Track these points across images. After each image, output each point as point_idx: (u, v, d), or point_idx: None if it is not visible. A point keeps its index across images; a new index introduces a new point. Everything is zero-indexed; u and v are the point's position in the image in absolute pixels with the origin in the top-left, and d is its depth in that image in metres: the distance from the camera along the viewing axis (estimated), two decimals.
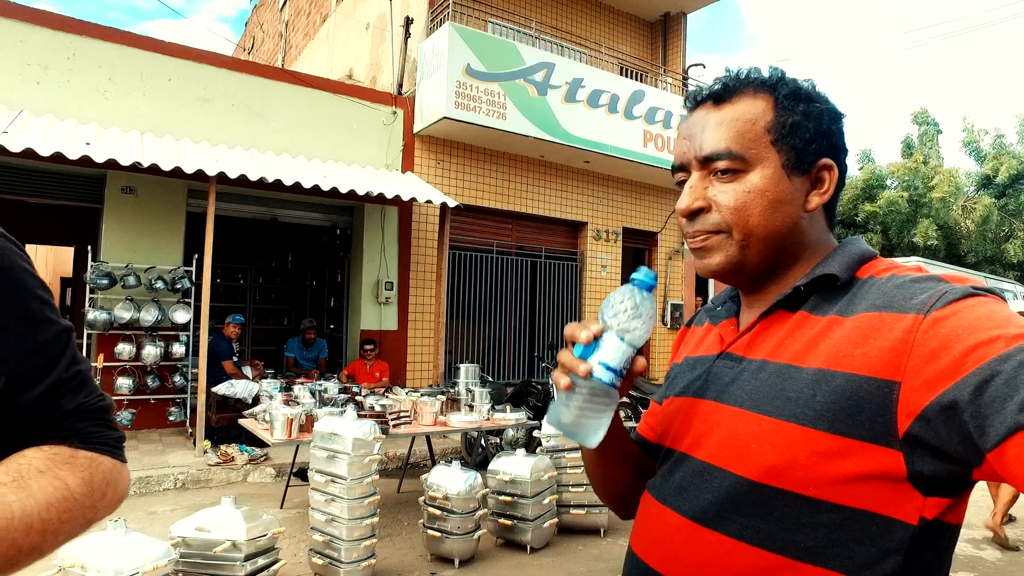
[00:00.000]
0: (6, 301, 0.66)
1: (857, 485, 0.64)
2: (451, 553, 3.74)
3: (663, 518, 0.79)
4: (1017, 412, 0.53)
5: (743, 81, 0.79)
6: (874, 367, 0.64)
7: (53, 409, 0.67)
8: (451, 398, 5.11)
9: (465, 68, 7.76)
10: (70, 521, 0.63)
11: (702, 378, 0.82)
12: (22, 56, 6.12)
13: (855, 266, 0.76)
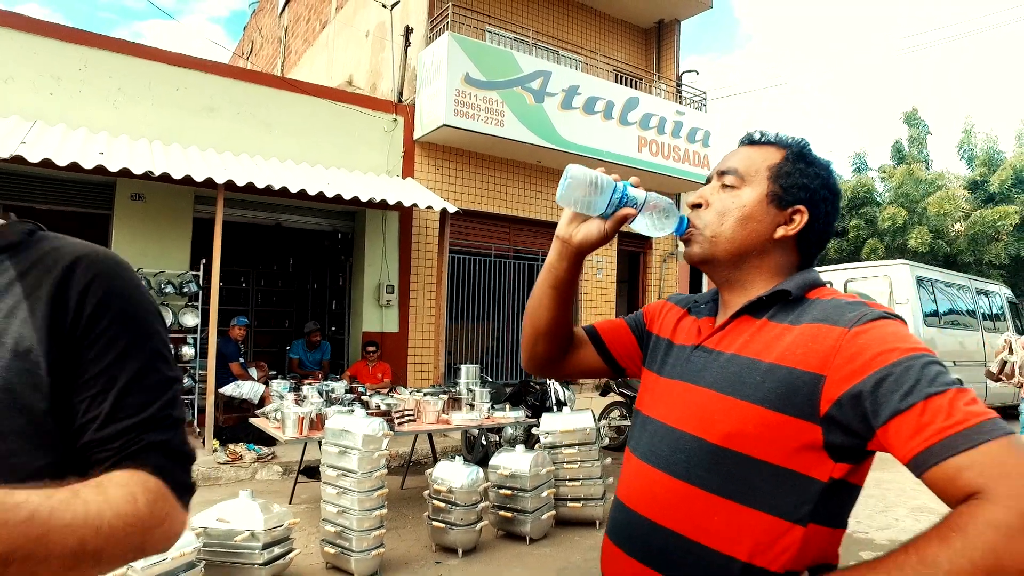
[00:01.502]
0: (133, 338, 0.73)
1: (788, 450, 0.87)
2: (455, 544, 3.94)
3: (641, 471, 1.02)
4: (899, 402, 0.76)
5: (774, 139, 1.06)
6: (810, 364, 0.87)
7: (140, 440, 0.71)
8: (453, 397, 5.32)
9: (464, 77, 7.98)
10: (131, 536, 0.65)
11: (680, 364, 1.05)
12: (36, 67, 6.32)
13: (807, 288, 0.99)
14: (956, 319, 9.23)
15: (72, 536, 0.59)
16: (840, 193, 1.08)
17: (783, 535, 0.86)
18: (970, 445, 0.70)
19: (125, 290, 0.75)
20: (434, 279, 8.48)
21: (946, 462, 0.71)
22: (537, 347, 1.21)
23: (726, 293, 1.06)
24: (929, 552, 0.69)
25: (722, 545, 0.89)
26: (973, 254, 12.40)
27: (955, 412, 0.73)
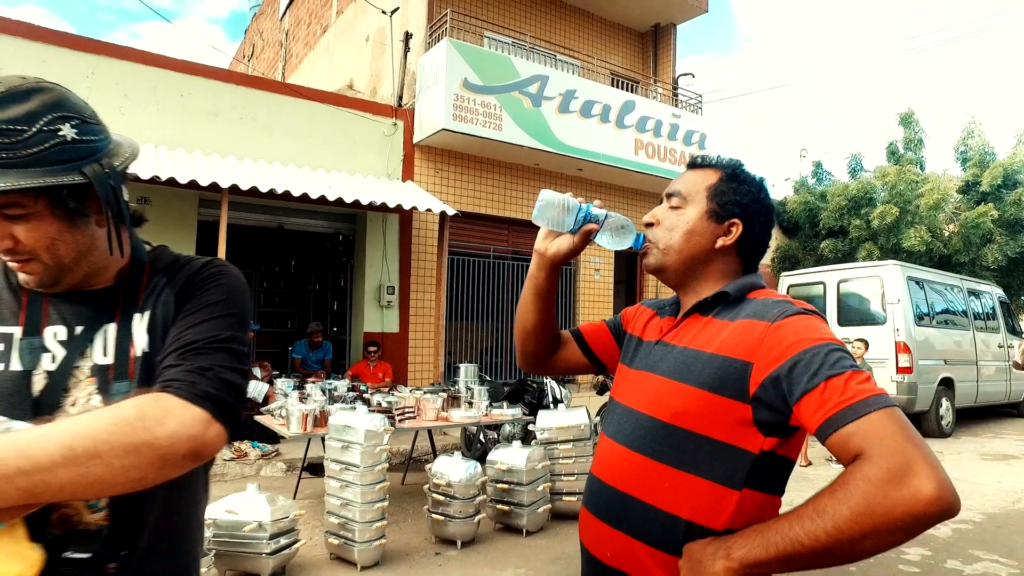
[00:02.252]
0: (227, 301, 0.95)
1: (725, 426, 1.03)
2: (454, 536, 4.09)
3: (609, 448, 1.18)
4: (806, 383, 0.93)
5: (713, 162, 1.23)
6: (741, 353, 1.03)
7: (178, 363, 0.86)
8: (452, 395, 5.46)
9: (463, 82, 8.13)
10: (117, 435, 0.75)
11: (645, 357, 1.23)
12: (43, 75, 6.41)
13: (746, 290, 1.16)
14: (948, 319, 9.36)
15: (51, 443, 0.72)
16: (772, 207, 1.24)
17: (721, 499, 1.03)
18: (856, 416, 0.87)
19: (225, 276, 0.99)
20: (434, 280, 8.63)
21: (839, 431, 0.88)
22: (527, 346, 1.41)
23: (681, 296, 1.24)
24: (821, 502, 0.86)
25: (669, 506, 1.05)
26: (968, 254, 12.52)
27: (848, 390, 0.89)
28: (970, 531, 4.60)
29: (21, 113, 0.84)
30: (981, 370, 9.61)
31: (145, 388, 0.87)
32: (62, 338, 0.93)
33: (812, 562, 0.87)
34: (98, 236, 0.94)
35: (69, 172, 0.86)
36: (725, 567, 0.92)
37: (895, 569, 3.86)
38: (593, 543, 1.17)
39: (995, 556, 4.09)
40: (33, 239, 0.87)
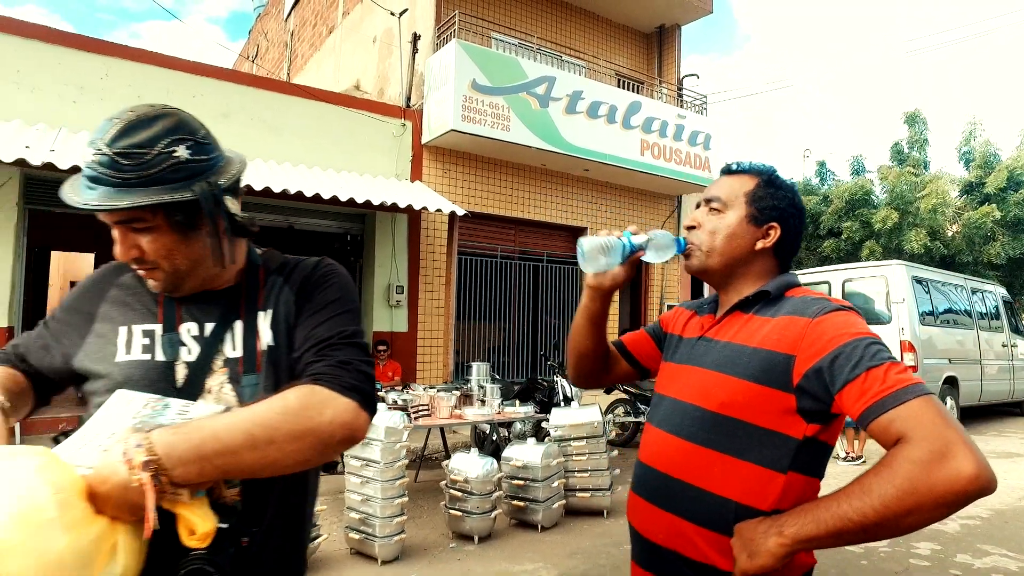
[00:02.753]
0: (336, 299, 1.06)
1: (770, 414, 1.11)
2: (471, 531, 4.16)
3: (657, 436, 1.26)
4: (848, 373, 1.00)
5: (748, 168, 1.31)
6: (784, 347, 1.11)
7: (322, 357, 0.97)
8: (465, 394, 5.54)
9: (471, 83, 8.20)
10: (286, 423, 0.86)
11: (687, 353, 1.30)
12: (60, 77, 6.54)
13: (784, 289, 1.23)
14: (952, 318, 9.42)
15: (237, 430, 0.84)
16: (804, 210, 1.32)
17: (768, 482, 1.10)
18: (897, 403, 0.94)
19: (338, 275, 1.12)
20: (443, 280, 8.70)
21: (880, 417, 0.95)
22: (583, 367, 1.50)
23: (722, 295, 1.32)
24: (866, 481, 0.94)
25: (719, 489, 1.13)
26: (970, 254, 12.59)
27: (888, 379, 0.97)
28: (978, 526, 4.66)
29: (145, 138, 0.93)
30: (985, 369, 9.67)
31: (272, 379, 0.99)
32: (195, 334, 1.05)
33: (859, 537, 0.95)
34: (205, 249, 1.04)
35: (181, 190, 0.95)
36: (778, 543, 0.99)
37: (907, 563, 3.93)
38: (643, 525, 1.24)
39: (1004, 550, 4.16)
40: (154, 250, 0.98)
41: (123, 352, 1.03)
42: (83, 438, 0.88)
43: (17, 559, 0.70)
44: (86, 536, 0.75)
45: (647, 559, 1.24)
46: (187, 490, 0.82)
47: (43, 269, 11.48)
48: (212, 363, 1.03)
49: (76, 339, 1.07)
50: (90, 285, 1.13)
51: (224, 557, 0.90)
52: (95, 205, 0.92)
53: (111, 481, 0.79)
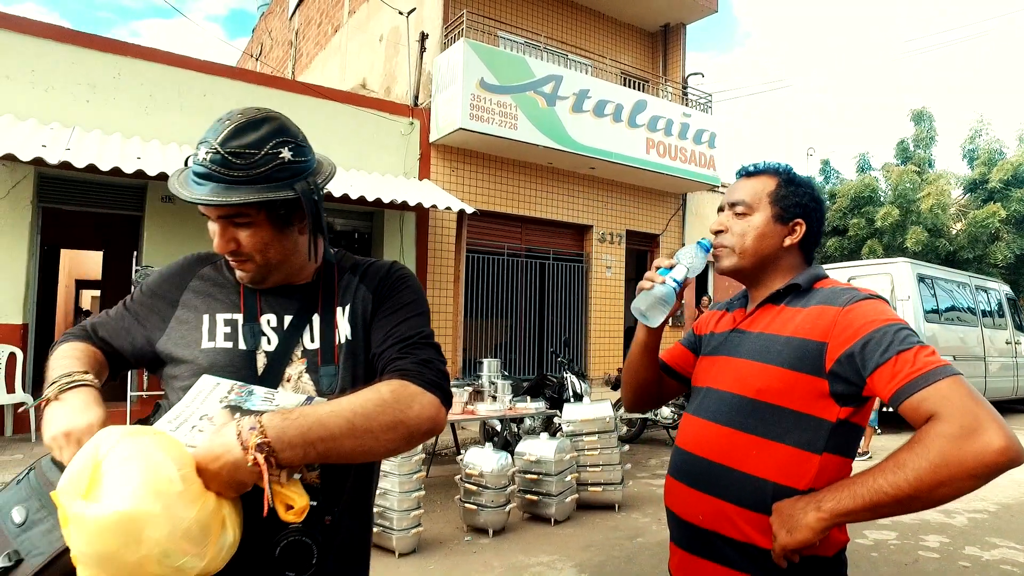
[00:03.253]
0: (410, 302, 1.14)
1: (804, 398, 1.17)
2: (485, 524, 4.22)
3: (696, 423, 1.32)
4: (879, 357, 1.07)
5: (764, 168, 1.36)
6: (816, 335, 1.17)
7: (404, 355, 1.05)
8: (476, 390, 5.60)
9: (479, 82, 8.25)
10: (383, 414, 0.93)
11: (722, 345, 1.36)
12: (74, 76, 6.60)
13: (813, 281, 1.30)
14: (956, 315, 9.48)
15: (339, 418, 0.90)
16: (824, 201, 1.38)
17: (804, 462, 1.17)
18: (927, 383, 1.01)
19: (412, 279, 1.21)
20: (451, 277, 8.75)
21: (912, 397, 1.02)
22: (642, 395, 1.55)
23: (752, 290, 1.38)
24: (900, 457, 1.00)
25: (758, 471, 1.19)
26: (974, 252, 12.64)
27: (917, 362, 1.04)
28: (986, 520, 4.72)
29: (254, 139, 1.01)
30: (988, 366, 9.72)
31: (349, 371, 1.06)
32: (274, 325, 1.11)
33: (894, 510, 1.01)
34: (299, 242, 1.12)
35: (284, 188, 1.02)
36: (817, 518, 1.05)
37: (916, 555, 3.99)
38: (683, 508, 1.30)
39: (1011, 543, 4.22)
40: (251, 243, 1.05)
41: (207, 339, 1.09)
42: (175, 419, 0.94)
43: (158, 529, 0.76)
44: (205, 509, 0.81)
45: (687, 541, 1.29)
46: (286, 471, 0.87)
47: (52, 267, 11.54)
48: (291, 353, 1.09)
49: (159, 323, 1.13)
50: (173, 273, 1.19)
51: (316, 531, 0.97)
52: (208, 200, 0.99)
53: (223, 459, 0.84)
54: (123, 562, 0.75)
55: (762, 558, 1.16)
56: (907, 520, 4.68)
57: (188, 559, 0.79)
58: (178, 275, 1.18)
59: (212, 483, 0.84)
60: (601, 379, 9.59)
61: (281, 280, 1.13)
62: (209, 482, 0.84)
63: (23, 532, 0.86)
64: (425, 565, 3.74)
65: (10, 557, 0.84)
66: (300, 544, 0.96)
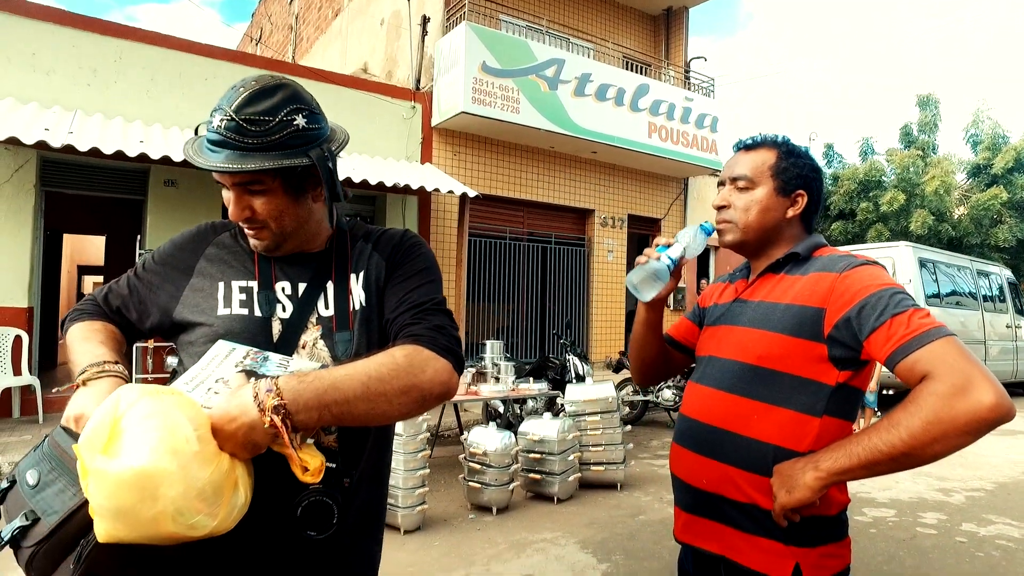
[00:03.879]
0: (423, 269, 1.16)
1: (804, 363, 1.20)
2: (489, 502, 4.27)
3: (700, 391, 1.35)
4: (875, 321, 1.10)
5: (763, 141, 1.38)
6: (815, 301, 1.20)
7: (417, 321, 1.06)
8: (479, 371, 5.64)
9: (481, 65, 8.22)
10: (396, 378, 0.94)
11: (725, 315, 1.39)
12: (75, 60, 6.59)
13: (813, 249, 1.33)
14: (957, 300, 9.51)
15: (354, 381, 0.92)
16: (822, 170, 1.41)
17: (804, 425, 1.20)
18: (921, 345, 1.04)
19: (424, 247, 1.22)
20: (453, 261, 8.77)
21: (907, 358, 1.05)
22: (649, 370, 1.59)
23: (754, 262, 1.41)
24: (895, 417, 1.04)
25: (759, 435, 1.22)
26: (977, 236, 12.64)
27: (911, 324, 1.07)
28: (983, 498, 4.78)
29: (268, 106, 1.01)
30: (989, 349, 9.77)
31: (364, 337, 1.08)
32: (288, 292, 1.13)
33: (890, 467, 1.05)
34: (313, 210, 1.13)
35: (299, 155, 1.03)
36: (815, 477, 1.09)
37: (914, 531, 4.05)
38: (688, 473, 1.34)
39: (1007, 519, 4.28)
40: (266, 211, 1.06)
41: (223, 306, 1.10)
42: (191, 380, 0.96)
43: (174, 487, 0.78)
44: (219, 470, 0.83)
45: (692, 505, 1.33)
46: (300, 434, 0.89)
47: (55, 252, 11.56)
48: (307, 320, 1.11)
49: (173, 292, 1.14)
50: (187, 241, 1.19)
51: (336, 492, 0.99)
52: (223, 167, 1.00)
53: (239, 421, 0.85)
54: (139, 517, 0.77)
55: (765, 518, 1.20)
56: (905, 498, 4.74)
57: (200, 518, 0.81)
58: (192, 243, 1.18)
59: (227, 444, 0.86)
60: (603, 363, 9.64)
61: (295, 248, 1.14)
62: (224, 443, 0.85)
63: (37, 493, 0.88)
64: (430, 542, 3.80)
65: (27, 517, 0.87)
66: (321, 504, 0.98)
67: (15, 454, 5.01)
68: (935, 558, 3.60)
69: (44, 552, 0.85)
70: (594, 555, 3.57)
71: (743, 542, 1.23)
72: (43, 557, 0.85)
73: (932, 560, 3.56)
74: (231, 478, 0.85)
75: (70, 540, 0.85)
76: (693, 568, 1.36)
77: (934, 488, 5.04)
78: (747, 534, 1.22)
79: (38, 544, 0.85)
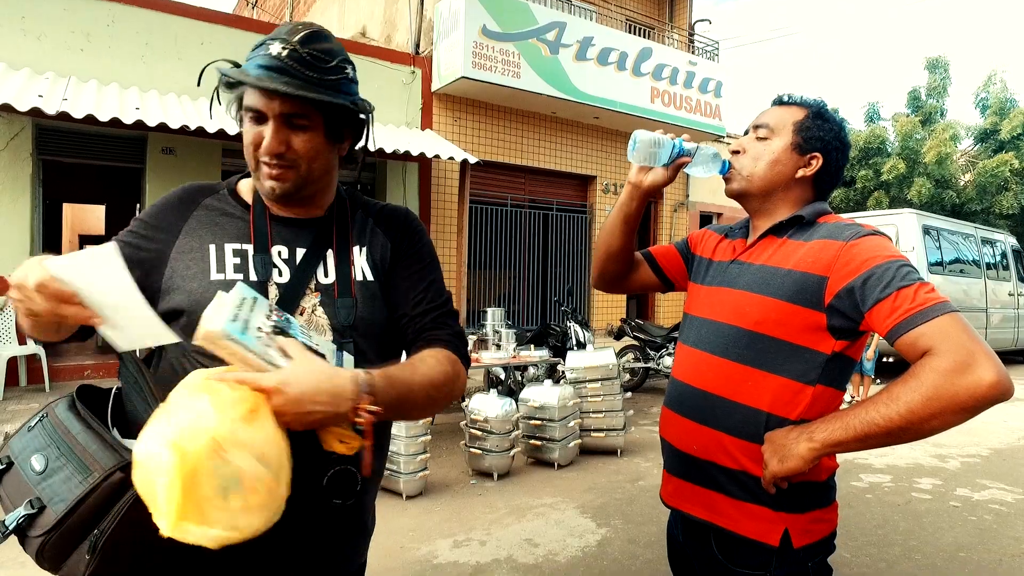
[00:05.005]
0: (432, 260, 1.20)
1: (801, 331, 1.19)
2: (490, 468, 4.33)
3: (693, 354, 1.34)
4: (879, 293, 1.08)
5: (799, 100, 1.35)
6: (817, 268, 1.18)
7: (440, 326, 1.13)
8: (480, 338, 5.67)
9: (481, 29, 8.07)
10: (447, 384, 1.03)
11: (720, 275, 1.37)
12: (67, 25, 6.47)
13: (818, 215, 1.30)
14: (960, 267, 9.47)
15: (423, 389, 0.99)
16: (850, 145, 1.37)
17: (797, 393, 1.19)
18: (925, 320, 1.03)
19: (425, 233, 1.24)
20: (455, 228, 8.74)
21: (909, 332, 1.03)
22: (607, 266, 1.54)
23: (756, 219, 1.37)
24: (894, 391, 1.03)
25: (751, 401, 1.22)
26: (981, 203, 12.53)
27: (917, 298, 1.05)
28: (978, 464, 4.84)
29: (328, 48, 1.04)
30: (990, 317, 9.77)
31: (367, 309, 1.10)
32: (285, 257, 1.10)
33: (885, 441, 1.04)
34: (333, 164, 1.13)
35: (347, 100, 1.05)
36: (809, 448, 1.09)
37: (909, 496, 4.10)
38: (678, 439, 1.34)
39: (1001, 484, 4.33)
40: (304, 149, 1.04)
41: (215, 271, 1.05)
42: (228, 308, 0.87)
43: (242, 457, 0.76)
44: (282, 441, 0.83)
45: (682, 470, 1.34)
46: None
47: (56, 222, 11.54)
48: (305, 286, 1.08)
49: (160, 257, 1.07)
50: (171, 204, 1.13)
51: (358, 461, 1.01)
52: (285, 89, 0.97)
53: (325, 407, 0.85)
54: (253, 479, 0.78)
55: (755, 485, 1.20)
56: (901, 464, 4.79)
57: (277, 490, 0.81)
58: (178, 206, 1.12)
59: (289, 414, 0.83)
60: (604, 330, 9.67)
61: (302, 202, 1.12)
62: (286, 409, 0.83)
63: (44, 480, 0.86)
64: (431, 507, 3.86)
65: (32, 504, 0.84)
66: (347, 472, 1.01)
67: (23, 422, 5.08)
68: (928, 522, 3.65)
69: (54, 542, 0.83)
70: (593, 519, 3.63)
71: (733, 508, 1.23)
72: (53, 547, 0.84)
73: (925, 524, 3.62)
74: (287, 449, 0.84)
75: (80, 529, 0.83)
76: (683, 535, 1.38)
77: (930, 454, 5.09)
78: (737, 500, 1.23)
79: (47, 533, 0.83)
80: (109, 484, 0.83)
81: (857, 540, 3.36)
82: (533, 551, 3.21)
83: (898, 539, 3.40)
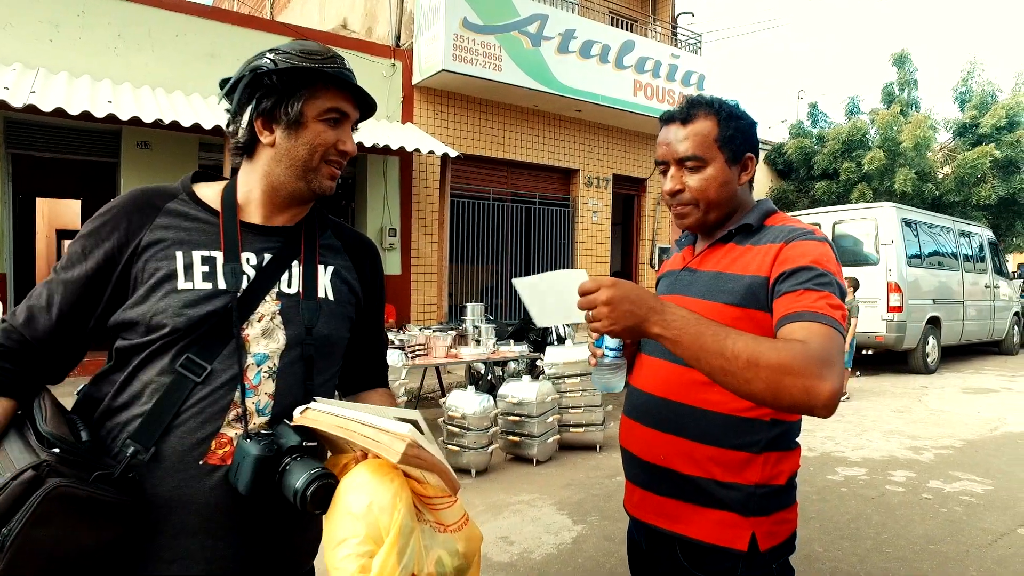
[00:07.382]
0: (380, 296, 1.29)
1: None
2: (468, 465, 4.32)
3: (651, 363, 1.33)
4: (790, 286, 1.13)
5: (698, 106, 1.28)
6: (763, 271, 1.19)
7: (383, 369, 1.32)
8: (460, 334, 5.64)
9: (462, 21, 8.00)
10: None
11: (673, 284, 1.37)
12: (34, 14, 6.33)
13: (764, 218, 1.30)
14: (939, 260, 9.57)
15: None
16: (750, 115, 1.32)
17: None
18: (813, 320, 1.05)
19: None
20: (435, 222, 8.70)
21: (794, 323, 1.06)
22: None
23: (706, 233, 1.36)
24: (760, 338, 1.01)
25: (713, 405, 1.22)
26: (959, 194, 12.65)
27: (816, 304, 1.08)
28: (951, 456, 4.90)
29: None
30: (967, 309, 9.90)
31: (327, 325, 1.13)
32: (253, 263, 1.08)
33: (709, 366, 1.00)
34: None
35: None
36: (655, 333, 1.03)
37: (883, 489, 4.14)
38: (641, 448, 1.32)
39: (973, 476, 4.39)
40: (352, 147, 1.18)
41: (183, 279, 1.02)
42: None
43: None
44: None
45: (648, 481, 1.31)
46: None
47: (29, 217, 11.33)
48: (265, 293, 1.07)
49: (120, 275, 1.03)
50: (126, 212, 1.06)
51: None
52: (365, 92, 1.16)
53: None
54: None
55: (722, 492, 1.20)
56: (877, 456, 4.84)
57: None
58: (136, 213, 1.05)
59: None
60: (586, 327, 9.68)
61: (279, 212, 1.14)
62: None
63: None
64: None
65: None
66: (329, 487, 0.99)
67: None
68: (901, 515, 3.69)
69: None
70: (570, 516, 3.63)
71: (700, 516, 1.22)
72: None
73: (898, 517, 3.65)
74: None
75: None
76: (647, 544, 1.36)
77: (906, 447, 5.15)
78: (704, 507, 1.22)
79: None
80: (19, 483, 0.83)
81: (831, 534, 3.39)
82: (508, 549, 3.20)
83: (871, 532, 3.43)
